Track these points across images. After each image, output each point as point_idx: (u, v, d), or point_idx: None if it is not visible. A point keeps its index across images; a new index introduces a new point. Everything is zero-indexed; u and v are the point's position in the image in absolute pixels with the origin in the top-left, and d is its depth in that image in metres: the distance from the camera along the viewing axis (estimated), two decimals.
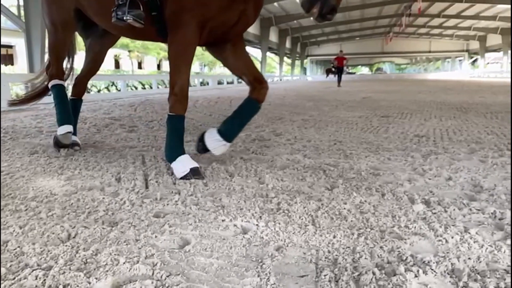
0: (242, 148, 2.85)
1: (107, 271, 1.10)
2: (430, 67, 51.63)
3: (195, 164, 2.07)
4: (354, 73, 54.34)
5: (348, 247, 1.25)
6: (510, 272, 1.08)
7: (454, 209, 1.53)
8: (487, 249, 1.21)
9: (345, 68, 18.95)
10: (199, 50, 2.59)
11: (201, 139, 2.39)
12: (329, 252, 1.22)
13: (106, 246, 1.25)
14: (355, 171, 2.13)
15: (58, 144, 2.75)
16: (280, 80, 32.50)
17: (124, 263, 1.14)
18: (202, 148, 2.40)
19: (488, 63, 38.72)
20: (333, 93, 11.45)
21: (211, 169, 2.21)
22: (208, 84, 17.81)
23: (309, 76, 42.08)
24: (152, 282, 1.04)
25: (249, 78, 2.40)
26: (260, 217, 1.51)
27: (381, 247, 1.23)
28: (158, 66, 35.40)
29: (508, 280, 1.04)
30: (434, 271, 1.08)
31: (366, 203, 1.64)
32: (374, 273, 1.07)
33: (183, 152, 2.14)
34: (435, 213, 1.51)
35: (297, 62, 42.49)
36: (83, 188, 1.89)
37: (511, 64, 25.11)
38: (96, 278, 1.06)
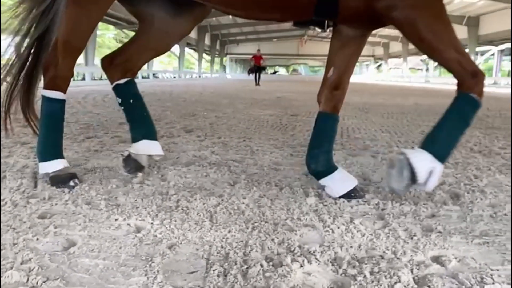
0: None
1: None
2: None
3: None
4: (275, 72, 55.92)
5: (242, 241, 1.26)
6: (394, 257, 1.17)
7: (343, 201, 1.64)
8: (367, 237, 1.31)
9: (266, 69, 19.35)
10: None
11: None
12: (222, 247, 1.22)
13: None
14: (258, 167, 2.18)
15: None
16: (199, 77, 32.23)
17: None
18: None
19: (390, 68, 42.41)
20: (250, 91, 11.64)
21: (110, 167, 2.10)
22: None
23: (229, 74, 42.34)
24: None
25: (333, 77, 1.86)
26: (157, 215, 1.46)
27: (272, 240, 1.27)
28: None
29: (383, 264, 1.13)
30: (318, 260, 1.14)
31: (265, 197, 1.68)
32: (262, 265, 1.10)
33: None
34: (326, 205, 1.60)
35: (217, 60, 42.47)
36: None
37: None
38: None
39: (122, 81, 1.96)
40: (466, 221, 1.47)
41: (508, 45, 26.18)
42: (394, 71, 41.21)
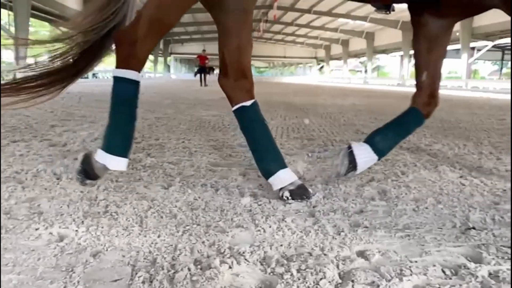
0: (80, 147, 2.62)
1: None
2: (285, 71, 56.09)
3: None
4: None
5: (171, 245, 1.23)
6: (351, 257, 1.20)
7: (277, 200, 1.66)
8: (297, 235, 1.33)
9: (214, 70, 19.20)
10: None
11: (351, 155, 1.84)
12: (150, 252, 1.18)
13: None
14: (195, 168, 2.14)
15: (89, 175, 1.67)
16: (142, 76, 31.32)
17: None
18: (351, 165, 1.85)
19: (332, 69, 43.94)
20: (194, 92, 11.51)
21: (35, 172, 1.97)
22: None
23: (173, 74, 41.56)
24: None
25: (425, 83, 1.90)
26: (82, 222, 1.39)
27: (203, 242, 1.25)
28: None
29: (310, 261, 1.15)
30: (247, 261, 1.14)
31: (199, 200, 1.66)
32: (189, 269, 1.08)
33: None
34: (260, 205, 1.61)
35: (161, 59, 41.56)
36: None
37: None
38: None
39: None
40: (391, 215, 1.54)
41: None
42: (336, 73, 42.74)
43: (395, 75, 33.76)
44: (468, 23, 21.98)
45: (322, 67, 46.34)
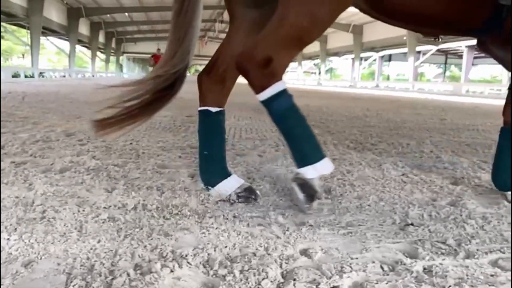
0: (19, 150, 2.47)
1: None
2: None
3: None
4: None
5: (111, 250, 1.19)
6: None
7: (224, 202, 1.65)
8: (243, 236, 1.33)
9: None
10: None
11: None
12: (87, 259, 1.13)
13: None
14: (141, 171, 2.09)
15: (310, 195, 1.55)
16: (93, 76, 30.24)
17: None
18: None
19: (287, 71, 44.58)
20: None
21: None
22: None
23: (126, 74, 40.45)
24: None
25: None
26: (16, 229, 1.31)
27: (145, 246, 1.22)
28: None
29: (254, 261, 1.15)
30: (190, 264, 1.12)
31: (144, 203, 1.61)
32: (129, 274, 1.04)
33: None
34: (207, 207, 1.59)
35: (113, 59, 40.30)
36: None
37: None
38: None
39: None
40: (335, 213, 1.58)
41: (387, 52, 29.32)
42: (290, 74, 43.43)
43: (347, 77, 34.90)
44: None
45: None
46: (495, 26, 1.64)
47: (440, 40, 2.19)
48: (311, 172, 1.53)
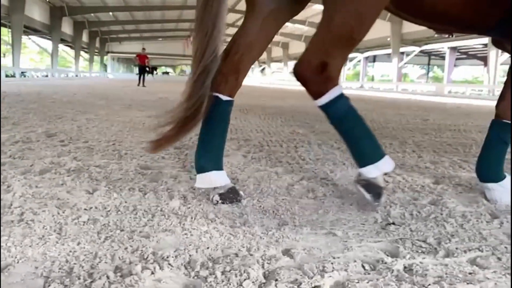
0: None
1: None
2: None
3: None
4: (168, 73, 54.92)
5: (91, 253, 1.17)
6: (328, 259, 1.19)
7: (207, 203, 1.64)
8: (225, 237, 1.32)
9: (156, 70, 18.73)
10: None
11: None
12: (66, 261, 1.11)
13: None
14: (123, 172, 2.06)
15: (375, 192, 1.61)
16: (77, 76, 29.83)
17: None
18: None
19: (273, 71, 44.75)
20: (131, 92, 11.14)
21: None
22: None
23: (110, 74, 40.00)
24: None
25: None
26: None
27: (125, 249, 1.20)
28: None
29: (236, 262, 1.15)
30: (171, 266, 1.11)
31: (125, 204, 1.59)
32: (108, 277, 1.02)
33: None
34: (189, 208, 1.58)
35: (97, 58, 39.81)
36: None
37: None
38: None
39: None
40: (318, 213, 1.59)
41: (371, 52, 29.63)
42: (277, 75, 43.56)
43: None
44: (397, 29, 23.43)
45: (263, 68, 47.01)
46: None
47: (453, 36, 2.24)
48: (373, 171, 1.60)
